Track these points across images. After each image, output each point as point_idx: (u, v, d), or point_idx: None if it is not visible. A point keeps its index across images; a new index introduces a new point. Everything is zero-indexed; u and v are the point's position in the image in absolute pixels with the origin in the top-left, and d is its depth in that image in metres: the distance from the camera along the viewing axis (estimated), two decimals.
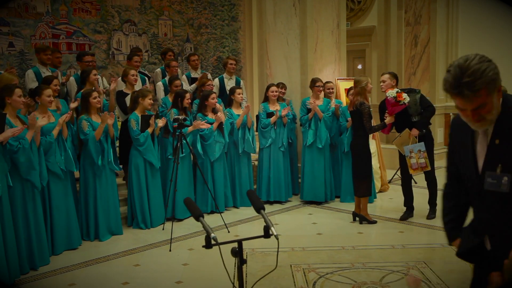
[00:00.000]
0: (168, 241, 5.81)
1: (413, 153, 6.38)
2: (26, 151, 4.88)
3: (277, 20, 8.41)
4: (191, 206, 2.77)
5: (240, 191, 7.43)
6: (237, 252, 2.56)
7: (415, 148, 6.38)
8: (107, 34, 9.36)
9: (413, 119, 6.47)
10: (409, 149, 6.39)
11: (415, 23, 11.55)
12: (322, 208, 7.41)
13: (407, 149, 6.42)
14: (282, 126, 7.55)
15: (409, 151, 6.40)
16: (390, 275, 4.82)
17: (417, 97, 6.47)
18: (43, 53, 6.89)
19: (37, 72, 6.81)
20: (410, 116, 6.47)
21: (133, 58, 7.68)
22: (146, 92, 6.44)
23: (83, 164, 6.01)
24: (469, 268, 4.96)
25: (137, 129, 6.31)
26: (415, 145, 6.39)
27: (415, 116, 6.47)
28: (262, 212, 2.78)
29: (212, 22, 10.69)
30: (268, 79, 8.48)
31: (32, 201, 5.09)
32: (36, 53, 7.01)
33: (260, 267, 5.08)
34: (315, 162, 7.49)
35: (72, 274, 5.05)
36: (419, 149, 6.37)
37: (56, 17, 8.68)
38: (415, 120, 6.47)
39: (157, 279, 4.91)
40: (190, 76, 8.28)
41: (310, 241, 5.98)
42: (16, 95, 4.88)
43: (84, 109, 5.98)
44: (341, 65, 8.71)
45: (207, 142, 6.96)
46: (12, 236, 4.76)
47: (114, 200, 6.21)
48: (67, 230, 5.67)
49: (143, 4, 9.80)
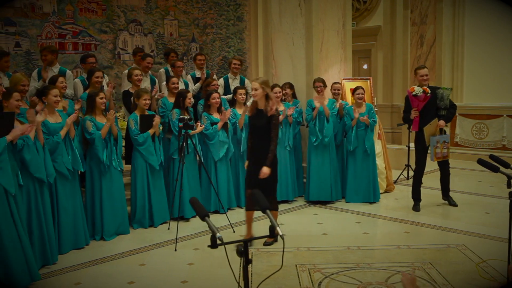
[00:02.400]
0: (173, 241, 5.82)
1: (439, 143, 6.99)
2: (31, 148, 4.91)
3: (283, 20, 8.41)
4: (196, 205, 2.78)
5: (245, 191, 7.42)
6: (243, 252, 2.56)
7: (441, 139, 7.01)
8: (113, 34, 9.37)
9: (440, 113, 7.02)
10: (437, 139, 6.97)
11: (421, 22, 11.52)
12: (327, 208, 7.40)
13: (434, 139, 6.95)
14: (288, 125, 7.54)
15: (436, 141, 6.96)
16: (396, 276, 4.81)
17: (450, 93, 7.10)
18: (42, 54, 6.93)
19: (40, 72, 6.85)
20: (437, 110, 6.99)
21: (146, 59, 7.72)
22: (142, 92, 6.44)
23: (89, 163, 6.04)
24: (475, 269, 4.98)
25: (135, 129, 6.33)
26: (442, 136, 7.02)
27: (442, 110, 7.02)
28: (267, 212, 2.79)
29: (218, 22, 10.69)
30: (273, 79, 8.47)
31: (41, 198, 5.12)
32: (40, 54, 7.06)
33: (266, 267, 5.08)
34: (321, 162, 7.48)
35: (78, 273, 5.07)
36: (444, 140, 7.04)
37: (62, 17, 8.70)
38: (442, 114, 7.02)
39: (163, 278, 4.92)
40: (195, 75, 8.29)
41: (315, 241, 5.97)
42: (13, 99, 4.90)
43: (89, 109, 6.00)
44: (346, 65, 8.69)
45: (212, 141, 6.97)
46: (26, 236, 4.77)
47: (121, 199, 6.22)
48: (74, 229, 5.69)
49: (148, 4, 9.82)
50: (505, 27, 10.51)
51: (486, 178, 9.09)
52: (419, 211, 7.12)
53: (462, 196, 7.80)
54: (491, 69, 10.80)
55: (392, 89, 12.37)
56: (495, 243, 5.72)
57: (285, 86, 7.86)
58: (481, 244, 5.68)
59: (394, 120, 12.01)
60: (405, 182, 9.03)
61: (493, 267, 4.97)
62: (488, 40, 10.87)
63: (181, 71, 7.99)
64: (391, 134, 12.13)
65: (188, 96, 6.79)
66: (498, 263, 5.03)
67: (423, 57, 11.54)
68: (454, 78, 10.99)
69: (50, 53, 7.02)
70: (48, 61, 6.92)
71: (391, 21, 12.21)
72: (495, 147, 10.67)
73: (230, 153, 7.18)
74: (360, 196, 7.59)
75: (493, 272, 4.88)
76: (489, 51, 10.87)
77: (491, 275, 4.82)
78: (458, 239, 5.92)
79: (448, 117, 7.10)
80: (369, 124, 7.38)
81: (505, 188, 4.12)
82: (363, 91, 7.58)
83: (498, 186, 8.35)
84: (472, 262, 5.13)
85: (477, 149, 10.96)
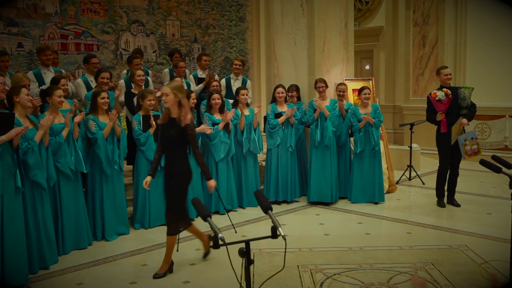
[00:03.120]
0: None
1: (467, 141, 7.06)
2: (35, 153, 4.91)
3: (285, 20, 8.41)
4: (198, 206, 2.78)
5: (247, 191, 7.43)
6: (245, 253, 2.56)
7: (469, 136, 7.09)
8: (115, 34, 9.39)
9: (462, 112, 7.12)
10: (464, 137, 7.05)
11: (423, 23, 11.51)
12: (329, 209, 7.40)
13: (461, 138, 7.04)
14: (290, 126, 7.54)
15: (463, 139, 7.03)
16: (398, 276, 4.80)
17: (471, 92, 7.19)
18: (42, 54, 6.92)
19: (38, 73, 6.83)
20: (459, 109, 7.09)
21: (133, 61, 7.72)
22: (146, 93, 6.46)
23: (91, 163, 6.04)
24: (477, 270, 4.97)
25: (138, 129, 6.36)
26: (469, 133, 7.13)
27: (464, 109, 7.12)
28: (269, 213, 2.79)
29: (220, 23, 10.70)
30: (275, 80, 8.47)
31: (40, 201, 5.11)
32: (37, 54, 7.04)
33: (267, 267, 5.08)
34: (322, 162, 7.48)
35: (80, 274, 5.07)
36: (472, 137, 7.11)
37: (65, 18, 8.72)
38: (464, 113, 7.12)
39: (165, 279, 4.91)
40: (197, 76, 8.30)
41: (317, 241, 5.97)
42: (23, 93, 4.95)
43: (92, 108, 6.02)
44: (348, 66, 8.69)
45: (213, 142, 6.97)
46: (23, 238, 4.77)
47: (121, 200, 6.23)
48: (76, 230, 5.69)
49: (151, 5, 9.83)
50: (507, 27, 10.49)
51: (488, 178, 9.08)
52: (445, 207, 7.23)
53: (464, 197, 7.79)
54: (494, 69, 10.79)
55: (394, 90, 12.36)
56: (497, 243, 5.71)
57: (292, 88, 7.86)
58: (483, 245, 5.67)
59: (396, 121, 12.00)
60: (407, 183, 9.02)
61: (496, 268, 4.96)
62: (491, 40, 10.85)
63: (184, 72, 8.00)
64: (393, 135, 12.13)
65: (192, 97, 6.80)
66: (500, 264, 5.02)
67: (425, 57, 11.53)
68: (457, 79, 10.97)
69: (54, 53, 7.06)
70: (52, 61, 6.96)
71: (393, 21, 12.20)
72: (497, 147, 10.65)
73: (231, 154, 7.19)
74: (366, 196, 7.58)
75: (496, 273, 4.87)
76: (492, 51, 10.85)
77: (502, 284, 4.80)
78: (460, 239, 5.92)
79: (470, 115, 7.17)
80: (374, 123, 7.38)
81: (507, 189, 4.11)
82: (369, 91, 7.59)
83: (500, 187, 8.34)
84: (474, 263, 5.12)
85: None
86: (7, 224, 4.61)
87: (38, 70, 6.91)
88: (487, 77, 10.73)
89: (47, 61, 6.94)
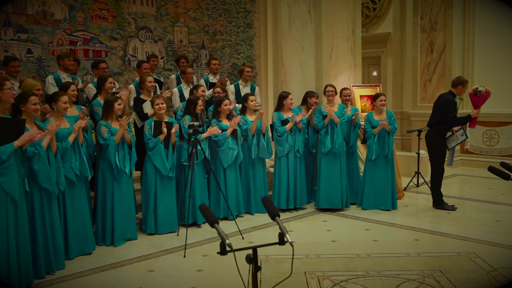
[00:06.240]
0: (182, 247, 5.82)
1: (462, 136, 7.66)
2: (41, 158, 4.92)
3: (292, 27, 8.42)
4: (206, 212, 2.78)
5: (255, 197, 7.42)
6: (252, 259, 2.56)
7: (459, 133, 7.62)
8: (123, 40, 9.43)
9: None
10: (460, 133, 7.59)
11: (431, 29, 11.49)
12: (337, 216, 7.38)
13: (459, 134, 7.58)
14: (297, 132, 7.53)
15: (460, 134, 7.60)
16: (406, 284, 4.78)
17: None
18: (66, 59, 6.97)
19: (57, 78, 6.88)
20: None
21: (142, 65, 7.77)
22: (155, 98, 6.55)
23: (101, 169, 6.07)
24: (485, 278, 4.93)
25: (148, 134, 6.39)
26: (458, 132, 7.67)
27: None
28: (277, 219, 2.78)
29: (227, 29, 10.72)
30: (283, 86, 8.47)
31: (48, 205, 5.14)
32: (60, 59, 7.06)
33: (275, 274, 5.07)
34: (331, 169, 7.46)
35: (87, 279, 5.08)
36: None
37: (74, 24, 8.77)
38: None
39: (172, 285, 4.92)
40: (209, 80, 8.31)
41: (324, 248, 5.95)
42: (30, 103, 4.93)
43: (105, 114, 6.04)
44: (356, 72, 8.69)
45: (221, 148, 6.98)
46: (27, 241, 4.79)
47: (130, 205, 6.25)
48: (82, 235, 5.70)
49: (159, 11, 9.87)
50: None
51: (497, 185, 9.02)
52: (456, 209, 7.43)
53: (473, 204, 7.74)
54: (502, 75, 10.75)
55: (401, 96, 12.34)
56: (506, 251, 5.67)
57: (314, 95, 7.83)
58: (492, 252, 5.63)
59: (403, 127, 11.96)
60: (415, 190, 8.98)
61: (504, 276, 4.93)
62: (499, 46, 10.81)
63: (192, 78, 8.02)
64: (401, 141, 12.09)
65: (199, 103, 6.82)
66: (509, 271, 4.99)
67: (433, 64, 11.50)
68: None
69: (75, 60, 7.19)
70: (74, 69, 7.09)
71: (401, 27, 12.19)
72: (506, 154, 10.60)
73: (239, 160, 7.19)
74: (379, 203, 7.55)
75: (504, 280, 4.83)
76: (500, 57, 10.81)
77: (502, 284, 4.77)
78: (468, 247, 5.88)
79: None
80: (390, 130, 7.36)
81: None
82: (385, 98, 7.60)
83: (509, 194, 8.29)
84: (483, 271, 5.09)
85: (488, 156, 10.90)
86: (15, 227, 4.63)
87: (57, 74, 6.96)
88: (495, 83, 10.68)
89: (72, 66, 7.00)
